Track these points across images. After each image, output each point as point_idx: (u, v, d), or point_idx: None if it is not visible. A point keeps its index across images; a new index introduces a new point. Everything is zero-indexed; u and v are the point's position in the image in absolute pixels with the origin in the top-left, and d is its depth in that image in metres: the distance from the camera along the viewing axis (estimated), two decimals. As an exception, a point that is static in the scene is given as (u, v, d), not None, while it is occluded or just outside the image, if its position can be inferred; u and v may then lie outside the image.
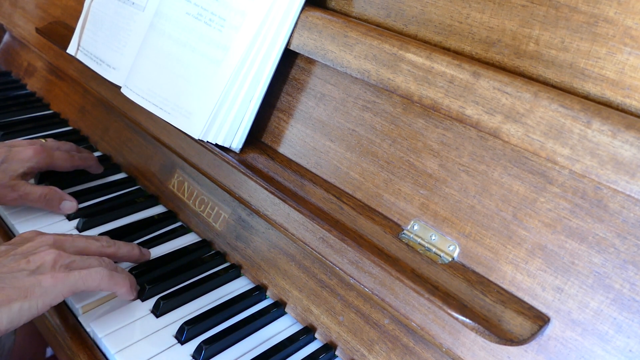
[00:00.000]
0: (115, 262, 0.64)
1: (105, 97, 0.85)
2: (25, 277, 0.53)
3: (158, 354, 0.59)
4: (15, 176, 0.73)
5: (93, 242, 0.63)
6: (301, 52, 0.63)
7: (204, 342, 0.59)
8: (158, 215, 0.79)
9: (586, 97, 0.47)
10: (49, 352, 1.09)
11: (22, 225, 0.74)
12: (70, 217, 0.76)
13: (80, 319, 0.63)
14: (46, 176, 0.82)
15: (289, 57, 0.67)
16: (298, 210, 0.60)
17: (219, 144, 0.67)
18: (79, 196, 0.79)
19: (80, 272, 0.56)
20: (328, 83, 0.64)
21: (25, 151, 0.75)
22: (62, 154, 0.79)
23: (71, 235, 0.63)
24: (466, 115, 0.50)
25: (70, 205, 0.76)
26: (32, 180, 0.81)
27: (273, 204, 0.64)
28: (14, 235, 0.74)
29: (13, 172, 0.73)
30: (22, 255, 0.56)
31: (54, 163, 0.78)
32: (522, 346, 0.48)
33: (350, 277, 0.57)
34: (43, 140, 0.80)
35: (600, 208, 0.46)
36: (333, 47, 0.59)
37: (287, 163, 0.66)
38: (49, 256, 0.56)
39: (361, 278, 0.57)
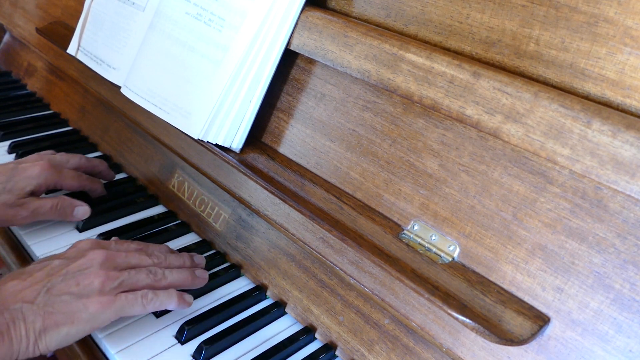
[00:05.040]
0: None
1: (105, 97, 0.85)
2: (73, 300, 0.54)
3: (158, 354, 0.59)
4: (23, 195, 0.70)
5: (145, 260, 0.62)
6: (301, 52, 0.63)
7: (204, 342, 0.59)
8: (158, 215, 0.79)
9: (586, 97, 0.47)
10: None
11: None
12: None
13: (80, 319, 0.63)
14: None
15: (289, 57, 0.67)
16: (298, 210, 0.60)
17: (219, 144, 0.67)
18: (78, 197, 0.79)
19: (127, 298, 0.57)
20: (328, 83, 0.64)
21: (31, 168, 0.71)
22: (71, 173, 0.76)
23: (127, 246, 0.63)
24: (466, 116, 0.50)
25: (84, 210, 0.73)
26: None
27: (273, 204, 0.64)
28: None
29: (20, 191, 0.69)
30: (72, 275, 0.56)
31: (62, 181, 0.74)
32: (522, 346, 0.48)
33: (351, 277, 0.57)
34: (52, 156, 0.77)
35: (600, 208, 0.46)
36: (333, 47, 0.59)
37: (287, 163, 0.66)
38: (97, 279, 0.56)
39: (361, 278, 0.57)
